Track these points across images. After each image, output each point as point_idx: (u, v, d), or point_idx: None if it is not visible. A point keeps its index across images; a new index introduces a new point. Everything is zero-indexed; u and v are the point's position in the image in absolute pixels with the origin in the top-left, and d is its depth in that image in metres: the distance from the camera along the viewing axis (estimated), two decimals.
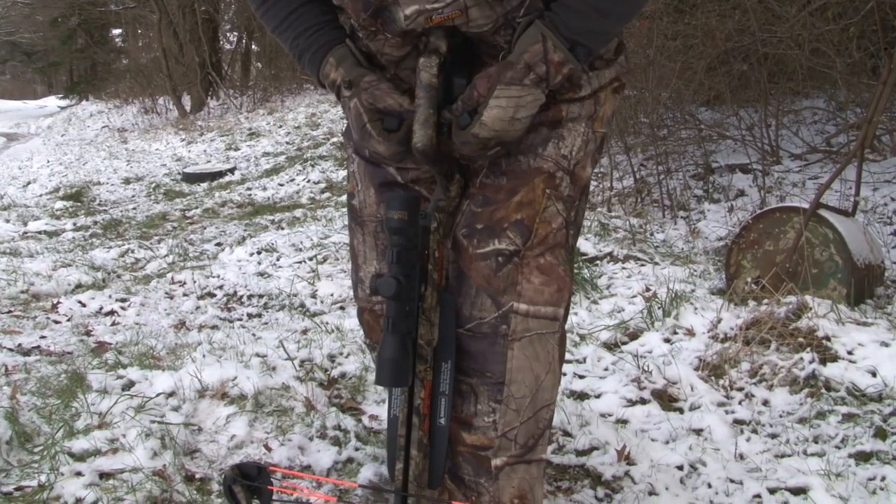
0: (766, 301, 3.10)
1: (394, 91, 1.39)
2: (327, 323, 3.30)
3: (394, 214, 1.30)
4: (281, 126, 11.33)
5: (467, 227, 1.41)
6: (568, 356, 2.84)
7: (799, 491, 2.01)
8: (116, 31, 24.46)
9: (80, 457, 2.10)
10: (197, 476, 2.10)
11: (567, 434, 2.28)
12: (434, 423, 1.39)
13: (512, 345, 1.38)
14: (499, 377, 1.39)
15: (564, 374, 2.69)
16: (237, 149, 10.35)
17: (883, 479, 2.05)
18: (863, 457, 2.18)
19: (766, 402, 2.54)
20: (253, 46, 16.79)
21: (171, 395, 2.45)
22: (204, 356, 2.74)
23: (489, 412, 1.41)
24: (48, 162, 11.38)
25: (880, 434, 2.28)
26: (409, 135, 1.37)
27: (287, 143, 10.10)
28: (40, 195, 8.49)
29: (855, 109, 5.98)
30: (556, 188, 1.41)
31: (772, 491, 2.01)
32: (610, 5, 1.31)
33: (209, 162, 9.60)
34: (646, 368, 2.67)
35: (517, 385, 1.39)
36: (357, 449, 2.25)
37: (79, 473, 2.01)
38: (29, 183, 9.53)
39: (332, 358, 2.80)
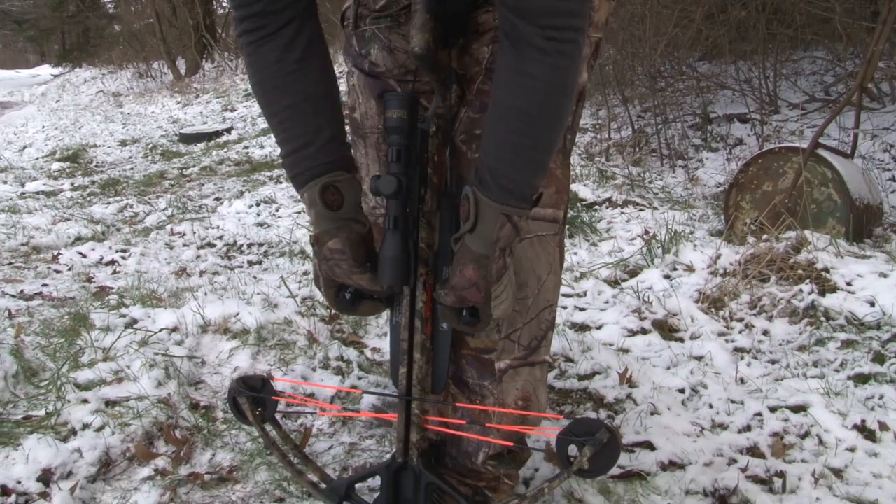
0: (765, 237, 3.10)
1: (354, 271, 1.33)
2: None
3: (393, 113, 1.30)
4: None
5: (465, 133, 1.41)
6: (568, 290, 2.85)
7: (799, 409, 2.03)
8: None
9: (86, 386, 2.12)
10: (202, 404, 2.12)
11: (569, 360, 2.30)
12: (436, 328, 1.40)
13: (513, 246, 1.38)
14: None
15: (564, 308, 2.70)
16: (233, 110, 10.29)
17: (881, 397, 2.07)
18: (861, 379, 2.20)
19: (765, 332, 2.55)
20: None
21: (173, 330, 2.47)
22: (206, 294, 2.75)
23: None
24: (43, 127, 11.30)
25: (879, 359, 2.30)
26: (365, 311, 1.40)
27: None
28: (37, 158, 8.44)
29: (854, 59, 5.95)
30: None
31: (772, 409, 2.03)
32: (539, 138, 1.20)
33: (205, 123, 9.54)
34: (646, 300, 2.68)
35: (520, 286, 1.39)
36: (360, 378, 2.27)
37: (85, 401, 2.02)
38: (25, 147, 9.46)
39: None
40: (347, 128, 1.46)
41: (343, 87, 1.56)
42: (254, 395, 1.51)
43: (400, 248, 1.29)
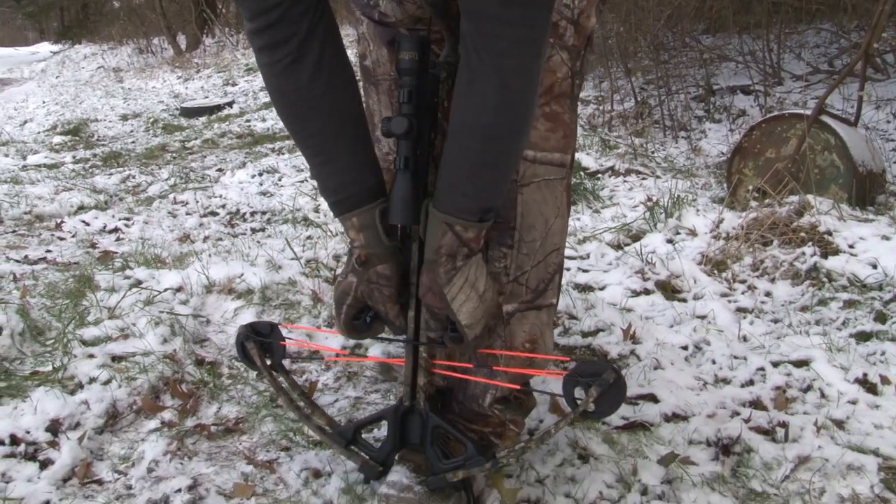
0: (767, 201, 3.10)
1: (392, 301, 1.36)
2: (332, 230, 3.31)
3: (405, 55, 1.30)
4: None
5: None
6: (571, 252, 2.86)
7: (801, 363, 2.04)
8: None
9: (92, 343, 2.13)
10: (207, 360, 2.13)
11: (573, 317, 2.31)
12: None
13: (521, 190, 1.39)
14: (509, 222, 1.40)
15: (568, 269, 2.71)
16: (235, 84, 10.25)
17: (883, 353, 2.08)
18: (863, 337, 2.20)
19: (768, 294, 2.56)
20: None
21: (178, 290, 2.48)
22: (210, 256, 2.76)
23: (500, 257, 1.43)
24: (44, 102, 11.25)
25: (881, 318, 2.31)
26: (372, 333, 1.43)
27: None
28: (38, 133, 8.42)
29: (859, 31, 5.92)
30: (561, 38, 1.40)
31: (775, 364, 2.04)
32: (485, 155, 1.20)
33: (207, 97, 9.50)
34: (649, 261, 2.69)
35: (527, 229, 1.40)
36: (364, 354, 2.28)
37: (91, 356, 2.04)
38: (26, 122, 9.43)
39: (337, 258, 2.81)
40: (358, 76, 1.45)
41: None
42: (262, 341, 1.52)
43: (410, 188, 1.30)
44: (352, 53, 1.48)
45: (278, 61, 1.26)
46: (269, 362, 1.56)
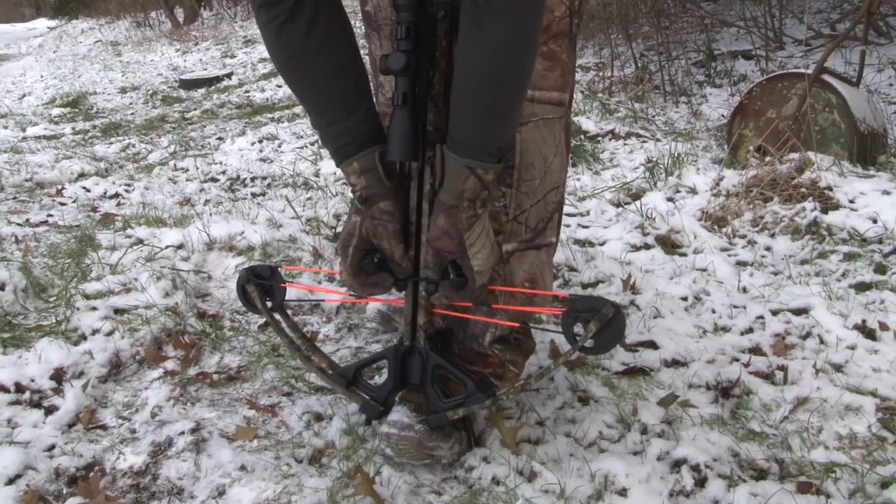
0: (768, 159, 3.10)
1: (396, 237, 1.36)
2: (332, 191, 3.31)
3: None
4: None
5: None
6: (571, 210, 2.86)
7: (801, 311, 2.05)
8: None
9: (95, 296, 2.14)
10: (209, 313, 2.14)
11: (572, 269, 2.32)
12: None
13: (519, 129, 1.39)
14: (508, 161, 1.40)
15: (568, 226, 2.71)
16: (233, 56, 10.20)
17: (882, 301, 2.09)
18: (863, 287, 2.21)
19: (768, 248, 2.56)
20: None
21: (179, 247, 2.48)
22: (211, 216, 2.76)
23: (499, 196, 1.43)
24: (42, 77, 11.21)
25: (880, 269, 2.31)
26: (377, 282, 1.41)
27: None
28: (36, 105, 8.39)
29: None
30: None
31: (774, 312, 2.05)
32: (497, 95, 1.22)
33: (206, 69, 9.47)
34: (649, 216, 2.69)
35: (526, 167, 1.41)
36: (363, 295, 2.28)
37: (94, 308, 2.05)
38: (24, 95, 9.40)
39: (337, 217, 2.82)
40: (361, 23, 1.46)
41: None
42: (262, 283, 1.53)
43: (408, 124, 1.30)
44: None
45: (275, 18, 1.29)
46: (269, 305, 1.57)
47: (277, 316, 1.56)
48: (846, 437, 1.54)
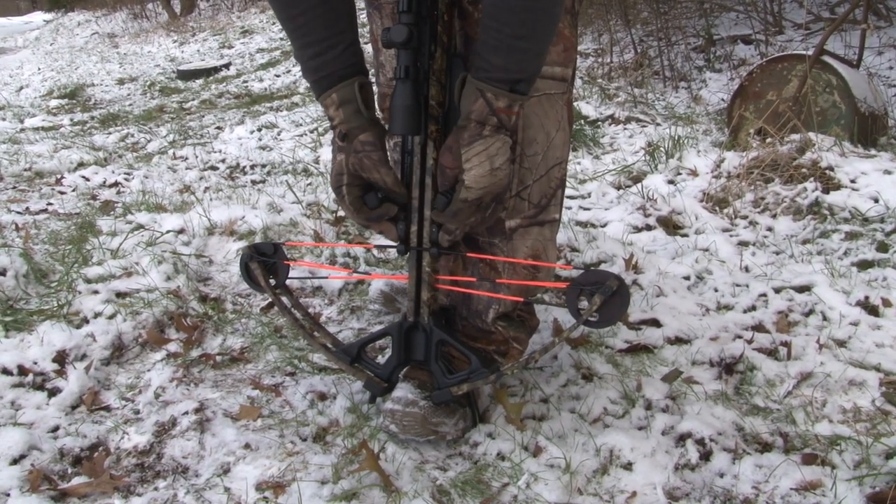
0: (769, 140, 3.09)
1: (383, 164, 1.35)
2: None
3: None
4: (274, 23, 11.07)
5: None
6: (573, 192, 2.85)
7: (803, 289, 2.05)
8: None
9: (96, 280, 2.13)
10: (211, 296, 2.14)
11: (574, 249, 2.31)
12: None
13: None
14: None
15: (569, 208, 2.71)
16: (231, 46, 10.17)
17: (884, 279, 2.09)
18: (865, 265, 2.21)
19: (770, 228, 2.56)
20: None
21: (180, 232, 2.48)
22: (211, 201, 2.75)
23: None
24: (39, 69, 11.17)
25: (882, 247, 2.31)
26: (383, 213, 1.39)
27: (281, 38, 9.90)
28: (34, 98, 8.37)
29: None
30: None
31: (777, 290, 2.05)
32: (525, 28, 1.22)
33: (203, 60, 9.44)
34: (651, 197, 2.69)
35: (529, 143, 1.40)
36: (367, 272, 2.28)
37: (95, 292, 2.04)
38: (21, 88, 9.37)
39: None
40: (362, 2, 1.45)
41: None
42: (265, 261, 1.53)
43: (411, 97, 1.30)
44: None
45: None
46: (273, 283, 1.56)
47: (281, 294, 1.56)
48: (850, 410, 1.54)
